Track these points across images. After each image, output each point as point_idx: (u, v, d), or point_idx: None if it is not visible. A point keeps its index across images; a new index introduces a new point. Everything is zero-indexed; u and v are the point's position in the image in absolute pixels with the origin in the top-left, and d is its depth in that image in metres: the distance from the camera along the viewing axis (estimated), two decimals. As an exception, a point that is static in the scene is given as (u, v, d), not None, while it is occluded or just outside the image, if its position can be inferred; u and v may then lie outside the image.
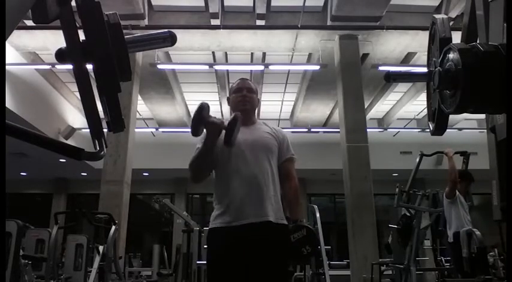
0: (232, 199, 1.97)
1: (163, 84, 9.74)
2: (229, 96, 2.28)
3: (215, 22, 7.94)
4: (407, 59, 9.33)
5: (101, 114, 0.93)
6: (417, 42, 8.08)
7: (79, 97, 0.91)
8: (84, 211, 5.83)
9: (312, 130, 11.90)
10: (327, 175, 11.92)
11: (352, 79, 7.94)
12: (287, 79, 10.00)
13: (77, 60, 0.88)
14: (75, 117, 10.74)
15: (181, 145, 11.04)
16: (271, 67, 8.83)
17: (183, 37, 7.65)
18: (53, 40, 7.68)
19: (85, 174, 12.71)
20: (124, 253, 7.49)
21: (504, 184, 1.10)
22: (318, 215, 5.52)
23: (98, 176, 7.80)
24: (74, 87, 9.41)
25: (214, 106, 12.12)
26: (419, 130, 11.88)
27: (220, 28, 7.88)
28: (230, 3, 8.30)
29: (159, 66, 8.43)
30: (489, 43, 1.07)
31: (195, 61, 9.29)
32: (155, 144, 11.86)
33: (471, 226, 4.40)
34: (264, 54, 9.17)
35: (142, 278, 8.81)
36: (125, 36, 0.93)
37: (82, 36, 0.88)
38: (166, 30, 1.00)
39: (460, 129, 11.55)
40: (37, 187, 14.36)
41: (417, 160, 5.07)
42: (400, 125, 12.21)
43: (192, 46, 8.25)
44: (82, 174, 12.82)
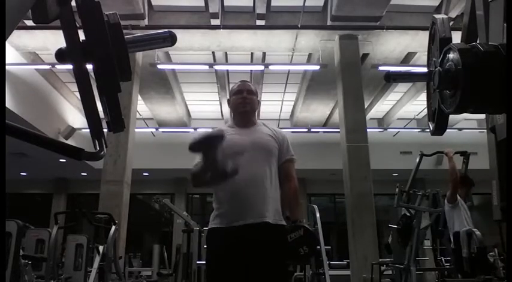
0: (231, 200, 1.99)
1: (163, 84, 9.74)
2: (229, 98, 2.30)
3: (215, 22, 7.94)
4: (407, 59, 9.33)
5: (101, 114, 0.93)
6: (417, 42, 8.08)
7: (79, 97, 0.91)
8: (84, 211, 5.83)
9: (312, 130, 11.90)
10: (327, 175, 11.92)
11: (352, 79, 7.94)
12: (287, 79, 10.00)
13: (77, 60, 0.88)
14: (75, 117, 10.74)
15: (181, 145, 10.97)
16: (271, 67, 8.83)
17: (183, 37, 7.65)
18: (53, 40, 7.68)
19: (85, 174, 12.71)
20: (124, 253, 7.49)
21: (504, 184, 1.10)
22: (318, 215, 5.52)
23: (98, 176, 7.80)
24: (74, 87, 9.40)
25: (214, 106, 12.14)
26: (419, 130, 11.88)
27: (220, 28, 7.88)
28: (230, 3, 8.30)
29: (159, 66, 8.43)
30: (489, 43, 1.07)
31: (195, 61, 9.29)
32: (155, 144, 11.86)
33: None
34: (264, 54, 9.17)
35: (142, 278, 8.81)
36: (125, 36, 0.93)
37: (82, 36, 0.88)
38: (166, 30, 1.00)
39: (460, 129, 11.55)
40: (37, 187, 14.36)
41: (417, 160, 5.07)
42: (400, 125, 12.21)
43: (192, 46, 8.25)
44: (82, 174, 12.82)
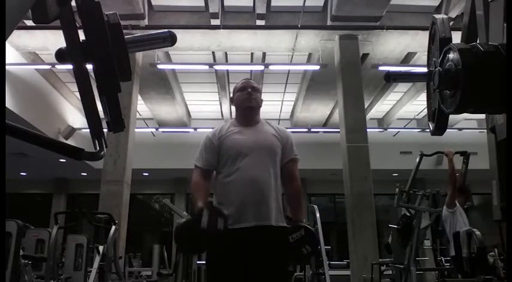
0: (233, 201, 1.97)
1: (163, 84, 9.74)
2: (232, 96, 2.28)
3: (215, 22, 7.94)
4: (407, 59, 9.32)
5: (101, 114, 0.93)
6: (417, 42, 8.07)
7: (79, 97, 0.91)
8: (84, 211, 5.83)
9: (312, 130, 11.90)
10: (327, 175, 11.92)
11: (352, 79, 7.94)
12: (287, 79, 10.00)
13: (77, 60, 0.88)
14: (75, 117, 10.73)
15: (181, 145, 11.10)
16: (271, 67, 8.82)
17: (183, 37, 7.65)
18: (53, 40, 7.67)
19: (85, 174, 12.70)
20: (124, 253, 7.49)
21: (504, 184, 1.10)
22: (318, 215, 5.52)
23: (98, 176, 7.80)
24: (74, 87, 9.40)
25: (214, 106, 12.14)
26: (419, 130, 11.88)
27: (220, 28, 7.88)
28: (230, 3, 8.30)
29: (159, 66, 8.42)
30: (489, 43, 1.07)
31: (195, 61, 9.29)
32: (155, 144, 11.86)
33: None
34: (264, 54, 9.17)
35: (142, 278, 8.80)
36: (125, 36, 0.93)
37: (82, 36, 0.88)
38: (166, 30, 1.00)
39: (460, 129, 11.55)
40: (37, 187, 14.35)
41: (417, 160, 5.06)
42: (400, 125, 12.20)
43: (192, 46, 8.25)
44: (82, 174, 12.81)
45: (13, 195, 12.71)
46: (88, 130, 0.89)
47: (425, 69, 1.34)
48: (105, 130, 0.92)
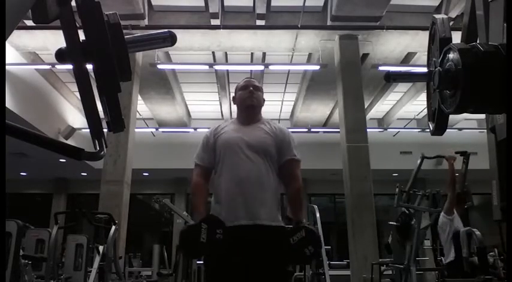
0: (225, 200, 1.98)
1: (163, 84, 9.74)
2: (234, 95, 2.26)
3: (215, 22, 7.94)
4: (407, 59, 9.32)
5: (101, 114, 0.93)
6: (417, 42, 8.07)
7: (79, 97, 0.91)
8: (84, 211, 5.82)
9: (312, 130, 11.89)
10: (327, 175, 11.92)
11: (352, 79, 7.94)
12: (287, 79, 10.00)
13: (77, 60, 0.88)
14: (75, 117, 10.73)
15: (181, 145, 11.10)
16: (271, 67, 8.82)
17: (183, 37, 7.65)
18: (53, 40, 7.68)
19: (85, 174, 12.70)
20: (124, 253, 7.49)
21: (504, 184, 1.10)
22: (318, 215, 5.52)
23: (98, 176, 7.80)
24: (74, 87, 9.40)
25: (214, 106, 12.14)
26: (419, 130, 11.88)
27: (220, 28, 7.88)
28: (230, 3, 8.30)
29: (159, 66, 8.42)
30: (489, 43, 1.07)
31: (195, 61, 9.29)
32: (155, 144, 11.86)
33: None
34: (264, 54, 9.17)
35: (142, 278, 8.80)
36: (125, 36, 0.93)
37: (82, 36, 0.88)
38: (166, 30, 1.00)
39: (460, 129, 11.55)
40: (37, 187, 14.35)
41: (418, 162, 5.04)
42: (400, 125, 12.20)
43: (192, 46, 8.25)
44: (82, 174, 12.82)
45: (13, 195, 12.71)
46: (88, 130, 0.89)
47: (425, 69, 1.34)
48: (105, 130, 0.92)
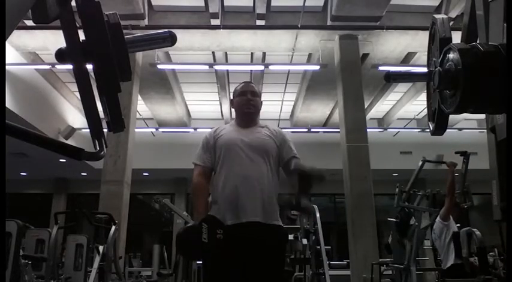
0: (225, 199, 2.01)
1: (163, 84, 9.74)
2: (232, 98, 2.32)
3: (215, 22, 7.94)
4: (407, 59, 9.32)
5: (101, 114, 0.93)
6: (417, 42, 8.07)
7: (79, 97, 0.91)
8: (84, 211, 5.83)
9: (312, 130, 11.89)
10: (327, 175, 11.88)
11: (352, 79, 7.94)
12: (287, 79, 9.99)
13: (77, 60, 0.88)
14: (75, 117, 10.73)
15: (181, 145, 11.10)
16: (271, 67, 8.82)
17: (183, 37, 7.65)
18: (53, 40, 7.67)
19: (85, 174, 12.70)
20: (124, 253, 7.49)
21: (504, 184, 1.10)
22: (318, 215, 5.51)
23: (98, 176, 7.80)
24: (74, 87, 9.40)
25: (214, 106, 12.14)
26: (419, 130, 11.87)
27: (220, 28, 7.88)
28: (230, 3, 8.30)
29: (159, 66, 8.42)
30: (489, 43, 1.07)
31: (195, 61, 9.28)
32: (155, 144, 11.86)
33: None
34: (264, 54, 9.17)
35: (142, 278, 8.80)
36: (125, 36, 0.93)
37: (82, 36, 0.88)
38: (166, 30, 1.00)
39: (460, 129, 11.54)
40: (37, 187, 14.35)
41: (419, 164, 5.04)
42: (400, 125, 12.20)
43: (192, 46, 8.25)
44: (82, 174, 12.81)
45: (13, 195, 12.71)
46: (88, 130, 0.89)
47: (425, 69, 1.34)
48: (105, 130, 0.92)
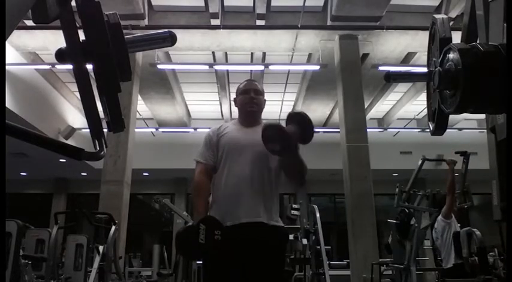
0: (225, 199, 2.00)
1: (163, 84, 9.74)
2: (235, 97, 2.30)
3: (215, 22, 7.94)
4: (407, 59, 9.32)
5: (101, 114, 0.93)
6: (417, 42, 8.07)
7: (79, 97, 0.91)
8: (84, 211, 5.83)
9: (312, 130, 11.88)
10: (327, 175, 11.90)
11: (352, 79, 7.94)
12: (287, 79, 9.99)
13: (77, 60, 0.88)
14: (75, 117, 10.73)
15: (181, 145, 11.10)
16: (271, 67, 8.82)
17: (183, 37, 7.65)
18: (53, 40, 7.68)
19: (85, 174, 12.70)
20: (124, 253, 7.49)
21: (504, 184, 1.10)
22: (318, 215, 5.51)
23: (98, 176, 7.80)
24: (74, 87, 9.40)
25: (214, 106, 12.14)
26: (419, 130, 11.88)
27: (220, 28, 7.88)
28: (230, 3, 8.30)
29: (159, 66, 8.42)
30: (489, 43, 1.07)
31: (195, 61, 9.28)
32: (155, 144, 11.86)
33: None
34: (264, 54, 9.17)
35: (142, 278, 8.80)
36: (125, 36, 0.93)
37: (82, 36, 0.88)
38: (166, 30, 1.00)
39: (460, 129, 11.55)
40: (37, 187, 14.35)
41: (419, 163, 5.04)
42: (400, 125, 12.21)
43: (192, 46, 8.25)
44: (82, 174, 12.82)
45: (13, 195, 12.71)
46: (88, 130, 0.89)
47: (425, 69, 1.34)
48: (105, 130, 0.92)
